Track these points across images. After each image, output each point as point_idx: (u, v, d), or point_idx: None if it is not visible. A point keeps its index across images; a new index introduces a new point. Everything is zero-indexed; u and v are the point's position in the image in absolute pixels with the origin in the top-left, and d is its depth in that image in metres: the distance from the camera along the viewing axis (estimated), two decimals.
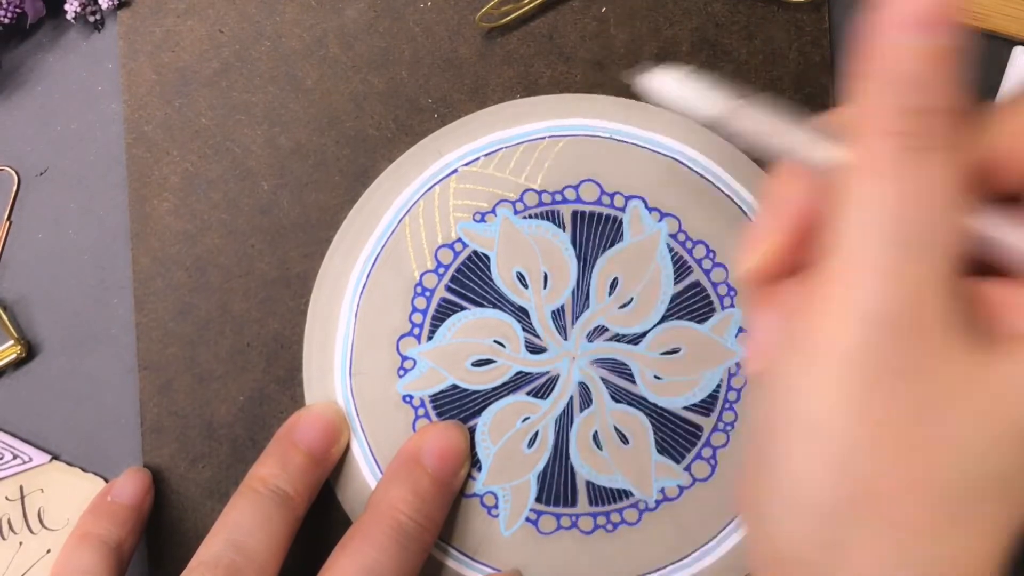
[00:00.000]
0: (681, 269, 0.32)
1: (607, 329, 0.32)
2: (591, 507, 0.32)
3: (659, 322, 0.32)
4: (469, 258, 0.32)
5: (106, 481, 0.33)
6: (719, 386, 0.32)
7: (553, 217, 0.32)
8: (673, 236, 0.32)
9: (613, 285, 0.32)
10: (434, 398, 0.32)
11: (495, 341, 0.32)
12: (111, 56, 0.33)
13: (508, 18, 0.33)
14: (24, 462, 0.32)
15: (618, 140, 0.32)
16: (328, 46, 0.33)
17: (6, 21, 0.32)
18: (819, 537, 0.20)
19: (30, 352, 0.33)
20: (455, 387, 0.32)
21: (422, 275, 0.32)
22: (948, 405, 0.20)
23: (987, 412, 0.20)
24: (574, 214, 0.32)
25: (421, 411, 0.32)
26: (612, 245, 0.32)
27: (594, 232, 0.32)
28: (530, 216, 0.32)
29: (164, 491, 0.32)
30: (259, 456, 0.31)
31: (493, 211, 0.32)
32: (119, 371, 0.33)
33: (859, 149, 0.21)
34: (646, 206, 0.32)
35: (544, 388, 0.32)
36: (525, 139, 0.32)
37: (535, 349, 0.32)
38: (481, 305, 0.32)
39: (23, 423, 0.33)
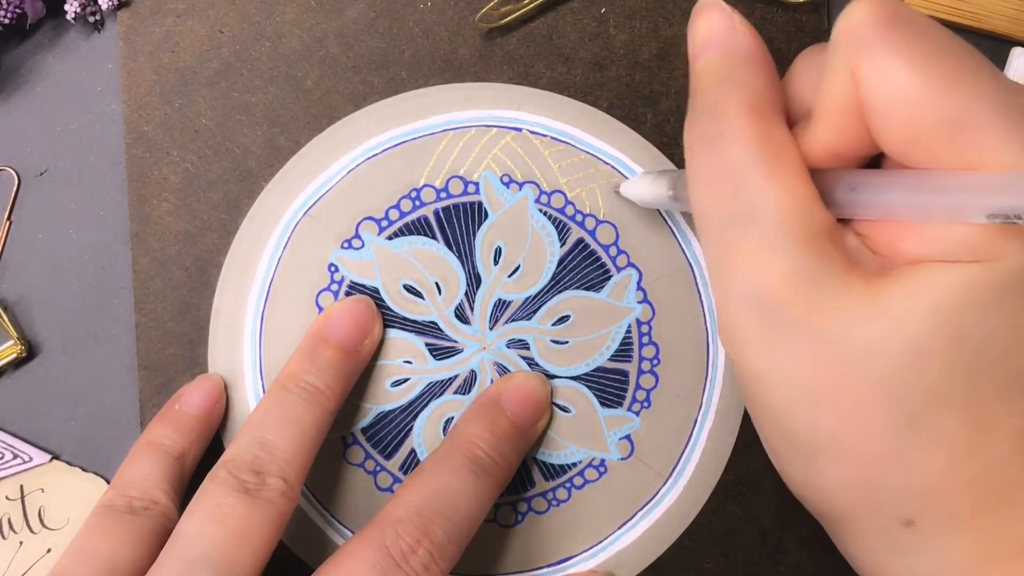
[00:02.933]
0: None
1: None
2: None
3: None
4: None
5: (107, 481, 0.33)
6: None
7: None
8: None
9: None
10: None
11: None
12: (111, 56, 0.33)
13: (508, 19, 0.33)
14: (24, 462, 0.32)
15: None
16: (328, 46, 0.33)
17: (6, 21, 0.32)
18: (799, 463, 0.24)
19: (30, 352, 0.33)
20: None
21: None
22: (847, 348, 0.21)
23: (883, 342, 0.21)
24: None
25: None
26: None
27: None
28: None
29: None
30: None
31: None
32: (119, 371, 0.33)
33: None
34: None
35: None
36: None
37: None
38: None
39: (23, 423, 0.33)
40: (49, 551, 0.32)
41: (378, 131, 0.32)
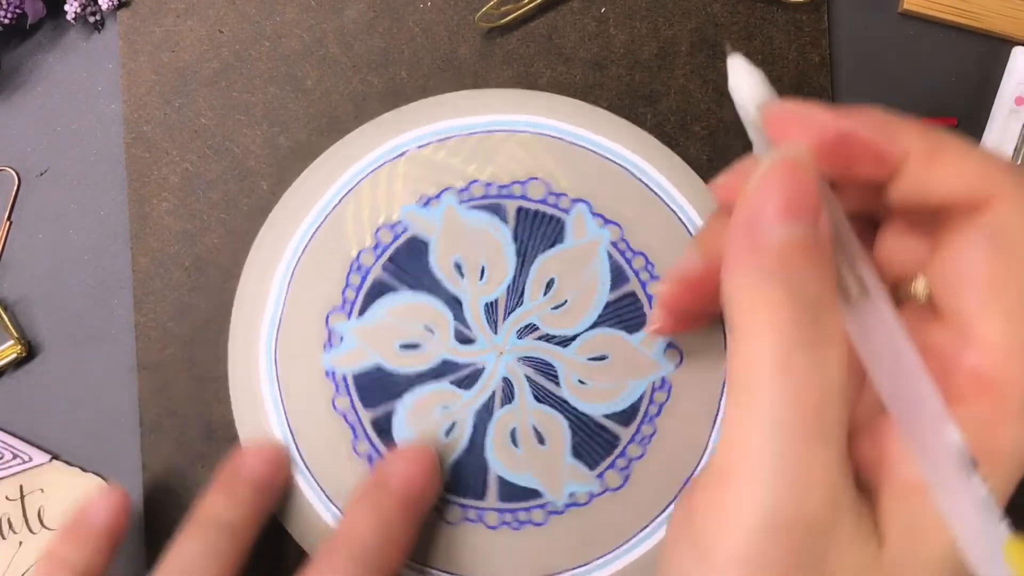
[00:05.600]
0: (618, 277, 0.32)
1: (537, 328, 0.32)
2: (500, 502, 0.31)
3: (590, 327, 0.32)
4: (409, 242, 0.31)
5: (106, 481, 0.33)
6: (641, 398, 0.32)
7: (497, 210, 0.32)
8: (614, 244, 0.32)
9: (549, 285, 0.32)
10: (357, 377, 0.31)
11: (425, 327, 0.31)
12: (111, 56, 0.33)
13: (508, 18, 0.33)
14: (24, 462, 0.32)
15: (569, 142, 0.32)
16: (328, 46, 0.33)
17: (6, 21, 0.32)
18: None
19: (30, 352, 0.33)
20: (379, 368, 0.31)
21: (359, 252, 0.31)
22: None
23: None
24: (519, 210, 0.32)
25: (342, 388, 0.31)
26: (552, 245, 0.32)
27: (536, 230, 0.32)
28: (475, 207, 0.32)
29: (162, 492, 0.32)
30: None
31: (439, 197, 0.32)
32: (119, 371, 0.33)
33: (748, 341, 0.20)
34: (591, 211, 0.32)
35: (468, 379, 0.32)
36: (479, 130, 0.32)
37: (464, 339, 0.31)
38: (415, 289, 0.31)
39: (23, 423, 0.33)
40: None
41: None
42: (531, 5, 0.33)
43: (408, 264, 0.31)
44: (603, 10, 0.33)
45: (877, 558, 0.20)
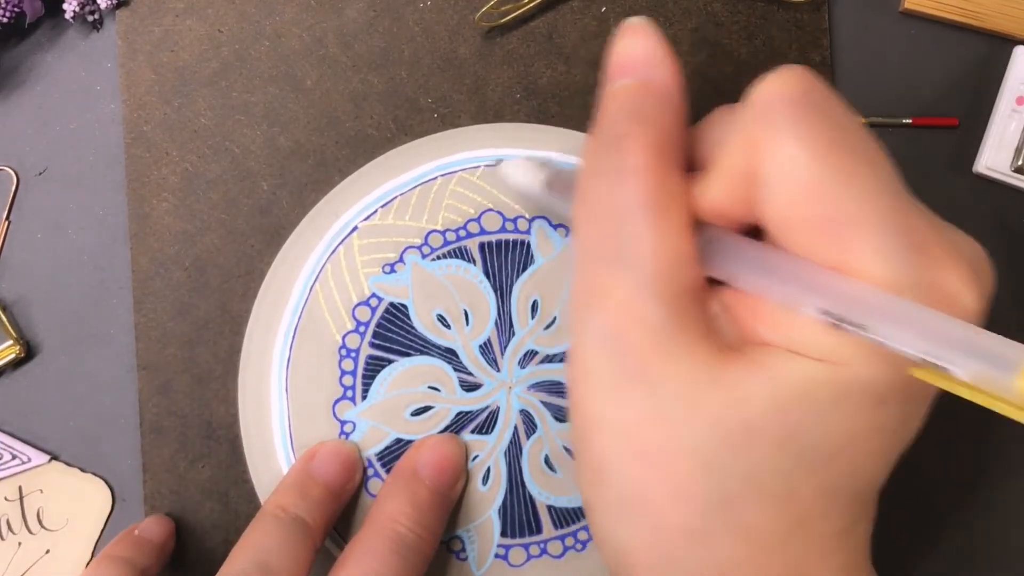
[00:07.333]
0: None
1: (536, 352, 0.32)
2: (557, 530, 0.31)
3: None
4: (387, 311, 0.32)
5: (105, 481, 0.33)
6: None
7: (461, 254, 0.32)
8: None
9: (534, 308, 0.32)
10: (380, 456, 0.31)
11: (429, 387, 0.32)
12: (110, 56, 0.33)
13: (508, 18, 0.33)
14: (23, 462, 0.32)
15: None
16: (328, 46, 0.33)
17: (5, 21, 0.32)
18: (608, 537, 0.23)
19: (29, 352, 0.33)
20: (399, 440, 0.31)
21: (344, 336, 0.31)
22: (683, 411, 0.21)
23: (718, 416, 0.21)
24: (481, 246, 0.32)
25: (370, 471, 0.31)
26: (524, 269, 0.32)
27: (505, 260, 0.32)
28: (439, 257, 0.32)
29: (162, 492, 0.32)
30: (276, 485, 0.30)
31: (401, 260, 0.32)
32: (118, 371, 0.33)
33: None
34: (551, 224, 0.32)
35: (487, 423, 0.31)
36: (416, 183, 0.32)
37: (470, 387, 0.32)
38: (408, 355, 0.31)
39: (22, 423, 0.33)
40: (48, 552, 0.32)
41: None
42: (531, 5, 0.33)
43: (393, 333, 0.32)
44: (603, 10, 0.33)
45: (718, 375, 0.21)
